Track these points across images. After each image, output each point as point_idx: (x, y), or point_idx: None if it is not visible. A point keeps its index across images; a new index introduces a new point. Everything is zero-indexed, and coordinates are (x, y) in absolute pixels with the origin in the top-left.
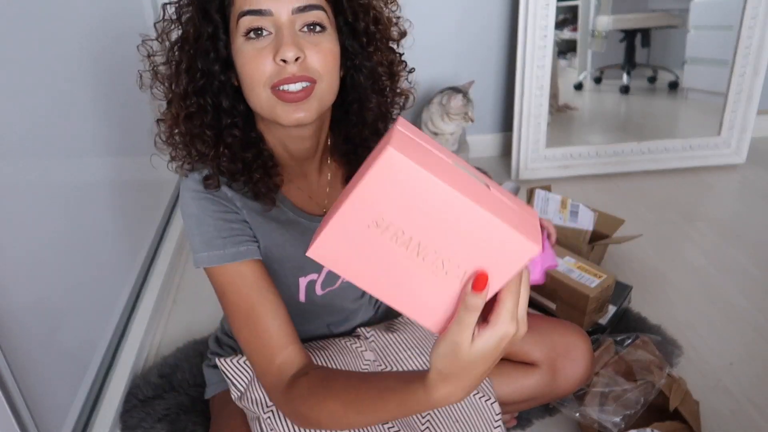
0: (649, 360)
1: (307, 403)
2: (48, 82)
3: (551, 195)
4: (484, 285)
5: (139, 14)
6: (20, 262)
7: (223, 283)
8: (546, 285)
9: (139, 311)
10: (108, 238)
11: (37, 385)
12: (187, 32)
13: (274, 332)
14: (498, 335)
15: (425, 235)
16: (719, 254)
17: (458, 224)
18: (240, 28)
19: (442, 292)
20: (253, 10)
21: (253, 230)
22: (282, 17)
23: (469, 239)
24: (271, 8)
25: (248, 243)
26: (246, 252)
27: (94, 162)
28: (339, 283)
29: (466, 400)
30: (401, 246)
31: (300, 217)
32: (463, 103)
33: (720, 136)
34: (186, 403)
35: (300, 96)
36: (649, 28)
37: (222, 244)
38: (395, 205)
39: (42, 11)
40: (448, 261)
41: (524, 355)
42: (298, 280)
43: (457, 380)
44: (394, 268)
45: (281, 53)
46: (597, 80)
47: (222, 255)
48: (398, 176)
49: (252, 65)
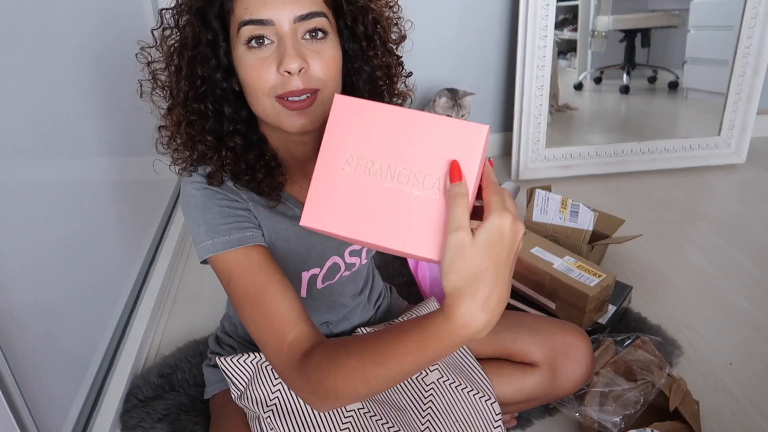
0: (649, 360)
1: (323, 369)
2: (47, 83)
3: (551, 195)
4: (458, 171)
5: (139, 15)
6: (20, 262)
7: (230, 269)
8: (546, 284)
9: (139, 311)
10: (108, 238)
11: (37, 385)
12: (185, 38)
13: (283, 310)
14: (495, 225)
15: (390, 157)
16: (719, 254)
17: (411, 135)
18: (241, 36)
19: (427, 211)
20: (254, 20)
21: (258, 221)
22: (284, 26)
23: (426, 145)
24: (272, 17)
25: (253, 229)
26: (252, 237)
27: (95, 162)
28: (338, 277)
29: (466, 399)
30: (375, 176)
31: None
32: (449, 105)
33: (720, 136)
34: (186, 403)
35: (304, 104)
36: (649, 28)
37: (227, 230)
38: (356, 138)
39: (43, 12)
40: (419, 173)
41: (524, 355)
42: (301, 275)
43: (473, 290)
44: (379, 203)
45: (285, 65)
46: (597, 80)
47: (228, 240)
48: (349, 112)
49: (255, 75)
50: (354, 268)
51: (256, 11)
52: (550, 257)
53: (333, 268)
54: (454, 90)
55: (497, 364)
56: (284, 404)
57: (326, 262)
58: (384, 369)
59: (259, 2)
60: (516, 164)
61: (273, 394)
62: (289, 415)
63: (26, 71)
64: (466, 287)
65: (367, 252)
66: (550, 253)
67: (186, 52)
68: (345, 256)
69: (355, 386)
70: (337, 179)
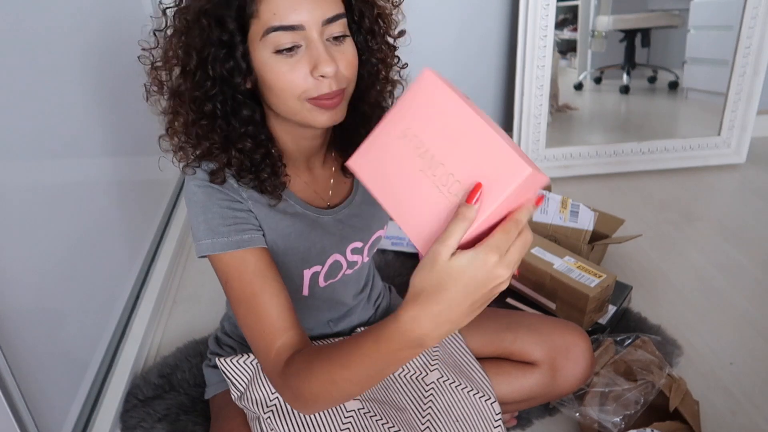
0: (649, 360)
1: (300, 376)
2: (46, 83)
3: (552, 195)
4: (475, 195)
5: (140, 16)
6: (20, 262)
7: (227, 270)
8: (546, 285)
9: (139, 311)
10: (108, 238)
11: (37, 385)
12: (194, 39)
13: (275, 318)
14: (477, 259)
15: (440, 149)
16: (719, 254)
17: (467, 141)
18: (268, 42)
19: (439, 211)
20: (284, 25)
21: (259, 221)
22: (313, 31)
23: (473, 156)
24: (302, 22)
25: (252, 231)
26: (250, 240)
27: (95, 162)
28: (340, 275)
29: (467, 399)
30: (418, 157)
31: (306, 210)
32: None
33: (720, 136)
34: (186, 403)
35: (336, 102)
36: (649, 28)
37: (227, 231)
38: (423, 118)
39: (43, 12)
40: (453, 176)
41: (524, 355)
42: (302, 272)
43: (427, 300)
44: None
45: (321, 69)
46: (597, 80)
47: (226, 242)
48: (430, 91)
49: (286, 80)
50: (356, 266)
51: (285, 16)
52: (550, 257)
53: (334, 266)
54: None
55: (497, 363)
56: (284, 405)
57: (327, 259)
58: (349, 372)
59: (289, 7)
60: None
61: (273, 395)
62: (289, 415)
63: (25, 71)
64: (424, 295)
65: (368, 250)
66: (550, 254)
67: (195, 52)
68: (347, 253)
69: (329, 390)
70: (390, 144)
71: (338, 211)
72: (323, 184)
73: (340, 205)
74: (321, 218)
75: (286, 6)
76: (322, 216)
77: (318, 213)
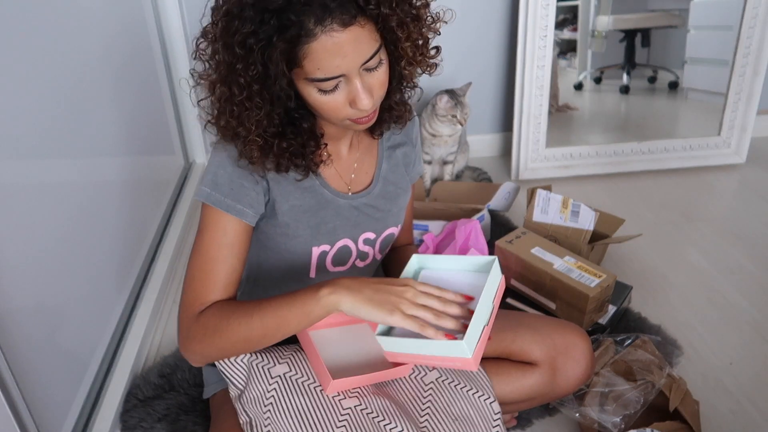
0: (649, 360)
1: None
2: (46, 83)
3: (552, 195)
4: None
5: (140, 15)
6: (20, 262)
7: (207, 223)
8: (546, 285)
9: (139, 311)
10: (108, 238)
11: (37, 385)
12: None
13: (219, 285)
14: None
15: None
16: (719, 254)
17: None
18: (312, 84)
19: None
20: (328, 78)
21: (270, 190)
22: (352, 74)
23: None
24: (343, 72)
25: (248, 206)
26: (240, 211)
27: (95, 163)
28: (350, 263)
29: (466, 398)
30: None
31: (325, 188)
32: (450, 105)
33: (720, 136)
34: (186, 403)
35: (371, 117)
36: (649, 28)
37: (226, 192)
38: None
39: (45, 13)
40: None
41: (524, 354)
42: (311, 249)
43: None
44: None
45: (360, 105)
46: (597, 80)
47: (220, 200)
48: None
49: (328, 109)
50: (368, 258)
51: (329, 71)
52: (550, 257)
53: (344, 250)
54: (452, 91)
55: (497, 363)
56: (280, 403)
57: (337, 241)
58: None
59: (332, 63)
60: (516, 164)
61: (269, 393)
62: (287, 412)
63: (25, 71)
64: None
65: (380, 245)
66: (550, 254)
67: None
68: (359, 242)
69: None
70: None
71: (356, 198)
72: (347, 166)
73: (360, 193)
74: (337, 200)
75: (328, 61)
76: (339, 198)
77: (335, 194)
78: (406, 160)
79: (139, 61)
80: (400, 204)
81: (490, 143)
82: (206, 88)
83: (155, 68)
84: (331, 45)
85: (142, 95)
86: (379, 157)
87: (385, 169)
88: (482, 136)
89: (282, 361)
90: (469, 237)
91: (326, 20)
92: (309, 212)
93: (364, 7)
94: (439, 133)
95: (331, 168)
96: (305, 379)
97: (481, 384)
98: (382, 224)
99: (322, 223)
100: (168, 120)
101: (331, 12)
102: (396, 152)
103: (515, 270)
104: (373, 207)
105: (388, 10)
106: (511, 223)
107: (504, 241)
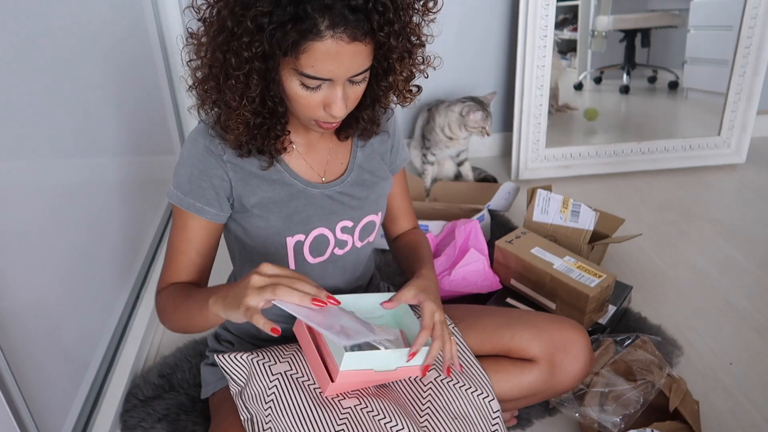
0: (649, 360)
1: (165, 295)
2: (47, 84)
3: (553, 195)
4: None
5: (141, 16)
6: (21, 262)
7: (175, 220)
8: (546, 285)
9: (139, 311)
10: (108, 237)
11: (37, 385)
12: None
13: (179, 273)
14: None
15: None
16: (719, 254)
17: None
18: (298, 76)
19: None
20: (317, 77)
21: (237, 191)
22: (338, 82)
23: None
24: (333, 77)
25: (205, 204)
26: (199, 210)
27: (95, 163)
28: (328, 252)
29: (465, 397)
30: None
31: (294, 179)
32: (483, 118)
33: (720, 136)
34: (186, 403)
35: (334, 125)
36: (649, 28)
37: (187, 190)
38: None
39: (45, 13)
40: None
41: (523, 351)
42: (285, 240)
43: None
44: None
45: (333, 111)
46: (597, 80)
47: (181, 199)
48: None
49: (302, 104)
50: (346, 246)
51: (320, 72)
52: (550, 257)
53: (320, 239)
54: (479, 102)
55: (496, 360)
56: (281, 400)
57: (312, 231)
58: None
59: (326, 66)
60: (516, 164)
61: (270, 390)
62: (287, 409)
63: (25, 72)
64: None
65: (360, 233)
66: (550, 254)
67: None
68: (336, 231)
69: (170, 322)
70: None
71: (329, 187)
72: (320, 157)
73: (333, 182)
74: (309, 190)
75: (324, 63)
76: (311, 188)
77: (306, 185)
78: (383, 148)
79: (139, 62)
80: (379, 192)
81: (490, 143)
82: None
83: (155, 68)
84: (333, 51)
85: (143, 95)
86: (354, 145)
87: (360, 158)
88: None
89: (283, 359)
90: (469, 237)
91: (339, 28)
92: (280, 203)
93: (376, 31)
94: (457, 136)
95: (301, 159)
96: (305, 378)
97: (480, 382)
98: (359, 212)
99: (295, 212)
100: (168, 120)
101: (346, 23)
102: (370, 140)
103: (515, 270)
104: (349, 195)
105: (394, 43)
106: (511, 223)
107: (504, 241)
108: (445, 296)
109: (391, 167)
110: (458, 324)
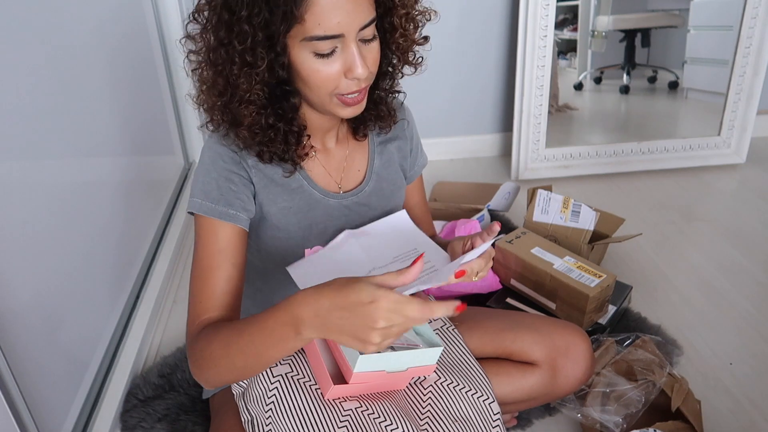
0: (649, 359)
1: (201, 341)
2: (47, 83)
3: (553, 195)
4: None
5: (141, 16)
6: (20, 262)
7: (201, 233)
8: (546, 285)
9: (139, 311)
10: (108, 237)
11: (37, 385)
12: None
13: (216, 295)
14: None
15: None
16: (719, 254)
17: None
18: (309, 46)
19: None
20: (327, 35)
21: (256, 191)
22: (350, 36)
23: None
24: (342, 31)
25: (240, 210)
26: (234, 216)
27: (95, 162)
28: None
29: (466, 400)
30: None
31: (313, 188)
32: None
33: (720, 136)
34: (186, 403)
35: (360, 98)
36: (649, 28)
37: (216, 198)
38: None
39: (45, 13)
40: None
41: (524, 355)
42: (304, 252)
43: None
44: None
45: (356, 73)
46: (597, 80)
47: (211, 208)
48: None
49: (321, 77)
50: None
51: (329, 28)
52: (550, 257)
53: None
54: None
55: (497, 363)
56: (282, 402)
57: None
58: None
59: (333, 19)
60: (516, 164)
61: (271, 392)
62: (287, 412)
63: (24, 72)
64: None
65: None
66: (550, 253)
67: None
68: None
69: (216, 370)
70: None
71: (347, 197)
72: (336, 163)
73: (351, 192)
74: (327, 200)
75: (330, 16)
76: (329, 198)
77: (325, 194)
78: (401, 154)
79: (139, 62)
80: (396, 201)
81: (490, 143)
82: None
83: (155, 68)
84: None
85: (143, 95)
86: (371, 152)
87: (378, 165)
88: (482, 136)
89: (284, 361)
90: None
91: None
92: (299, 213)
93: None
94: None
95: (319, 166)
96: (307, 380)
97: (481, 385)
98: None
99: (314, 224)
100: (168, 120)
101: None
102: (388, 147)
103: (515, 270)
104: (365, 206)
105: None
106: (511, 223)
107: (504, 241)
108: (445, 296)
109: (411, 172)
110: (459, 326)
